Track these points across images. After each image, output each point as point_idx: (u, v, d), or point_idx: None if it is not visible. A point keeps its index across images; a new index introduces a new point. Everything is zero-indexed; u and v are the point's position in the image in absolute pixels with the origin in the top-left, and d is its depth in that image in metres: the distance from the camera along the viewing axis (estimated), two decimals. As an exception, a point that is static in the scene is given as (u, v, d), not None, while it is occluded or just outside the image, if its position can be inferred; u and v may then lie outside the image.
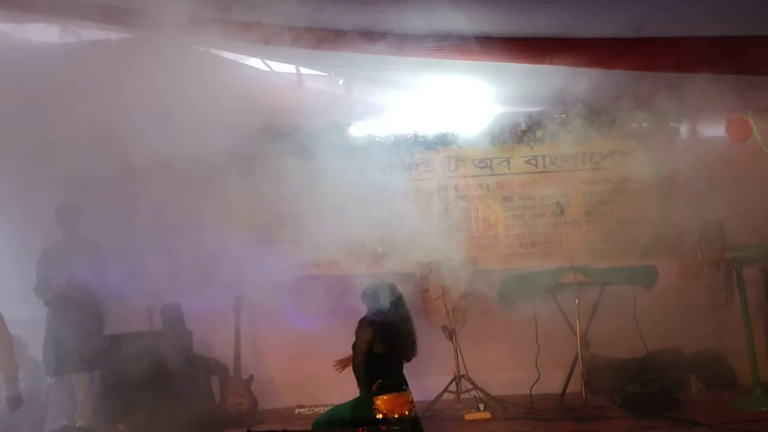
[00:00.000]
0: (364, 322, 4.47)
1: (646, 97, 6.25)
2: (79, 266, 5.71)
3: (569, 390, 5.71)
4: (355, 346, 4.42)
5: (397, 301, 4.57)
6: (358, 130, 6.72)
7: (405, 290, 6.25)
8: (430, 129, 6.63)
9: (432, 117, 6.63)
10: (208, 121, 6.66)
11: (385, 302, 4.49)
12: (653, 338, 5.64)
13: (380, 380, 4.31)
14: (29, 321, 5.81)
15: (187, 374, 5.63)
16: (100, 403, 5.82)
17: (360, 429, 3.04)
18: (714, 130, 6.50)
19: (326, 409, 5.30)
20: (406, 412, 4.28)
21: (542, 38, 4.96)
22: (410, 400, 4.42)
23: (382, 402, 4.26)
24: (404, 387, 4.42)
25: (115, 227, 6.80)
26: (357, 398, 4.44)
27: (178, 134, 6.78)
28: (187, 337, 6.02)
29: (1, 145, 6.09)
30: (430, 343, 6.20)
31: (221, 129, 6.73)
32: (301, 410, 5.99)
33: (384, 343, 4.39)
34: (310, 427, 4.34)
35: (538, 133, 6.49)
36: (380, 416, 4.19)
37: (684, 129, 6.55)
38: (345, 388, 4.64)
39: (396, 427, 3.05)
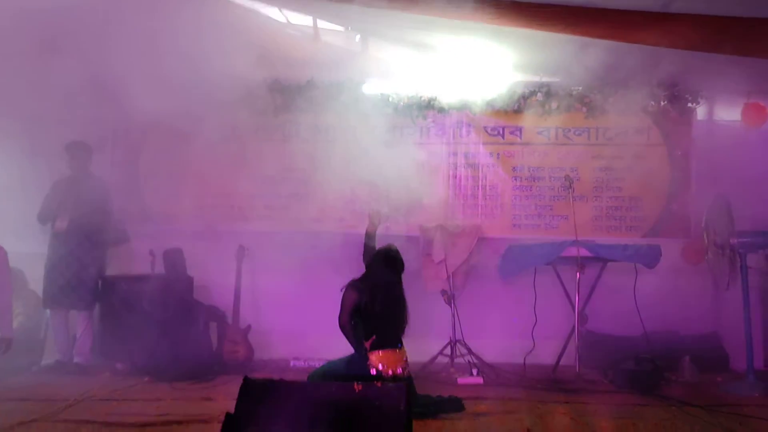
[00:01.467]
0: (351, 284, 4.56)
1: (666, 75, 6.17)
2: (86, 202, 5.72)
3: (563, 363, 5.75)
4: (341, 306, 4.51)
5: (387, 264, 4.63)
6: (372, 88, 6.64)
7: (407, 253, 6.31)
8: (444, 92, 6.55)
9: (447, 80, 6.54)
10: (219, 68, 6.61)
11: (376, 261, 4.64)
12: (651, 318, 5.65)
13: (374, 336, 4.36)
14: (31, 255, 5.85)
15: (186, 319, 5.67)
16: (99, 342, 5.89)
17: (355, 383, 3.06)
18: (730, 113, 6.42)
19: (321, 363, 5.37)
20: (400, 370, 4.34)
21: (567, 6, 4.86)
22: (405, 359, 4.47)
23: (376, 358, 4.31)
24: (399, 345, 4.47)
25: (122, 168, 6.82)
26: (352, 354, 4.50)
27: (189, 80, 6.75)
28: (188, 283, 6.04)
29: (7, 82, 6.06)
30: (428, 307, 6.27)
31: (233, 77, 6.69)
32: (296, 362, 6.04)
33: (369, 308, 4.44)
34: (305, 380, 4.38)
35: (553, 105, 6.41)
36: (374, 372, 4.25)
37: (701, 111, 6.47)
38: (341, 344, 4.67)
39: (391, 384, 3.08)
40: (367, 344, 4.36)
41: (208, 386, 5.12)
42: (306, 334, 6.21)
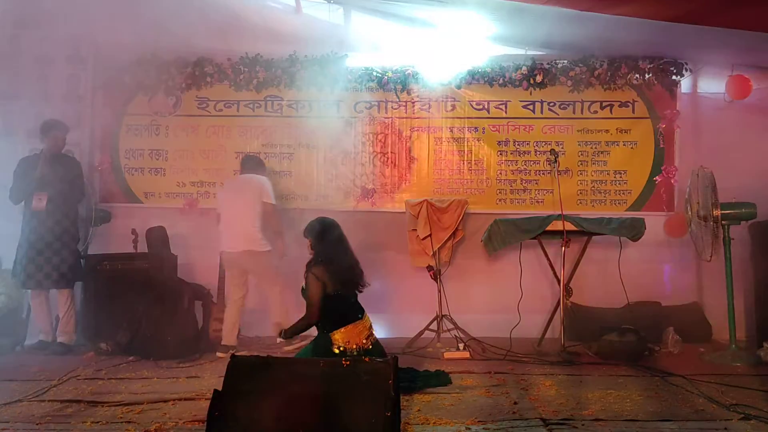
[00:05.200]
0: (311, 267, 4.34)
1: (651, 48, 6.15)
2: (62, 181, 5.62)
3: (548, 336, 5.80)
4: (306, 293, 4.31)
5: (339, 236, 4.54)
6: (355, 62, 6.55)
7: (394, 229, 6.32)
8: (429, 66, 6.47)
9: (432, 54, 6.47)
10: (200, 42, 6.52)
11: (328, 238, 4.48)
12: (635, 290, 5.70)
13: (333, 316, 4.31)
14: (9, 236, 5.74)
15: (170, 297, 5.61)
16: (83, 321, 5.84)
17: (343, 359, 3.05)
18: (715, 86, 6.42)
19: (307, 340, 5.37)
20: (365, 341, 4.31)
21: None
22: (368, 326, 4.41)
23: (339, 336, 4.26)
24: (360, 316, 4.39)
25: (102, 147, 6.72)
26: (313, 340, 4.45)
27: (169, 55, 6.66)
28: (172, 261, 5.98)
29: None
30: (414, 283, 6.28)
31: (213, 51, 6.61)
32: (282, 339, 6.02)
33: (335, 282, 4.32)
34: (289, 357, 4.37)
35: (538, 78, 6.37)
36: (337, 350, 4.20)
37: (685, 83, 6.46)
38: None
39: (379, 359, 3.07)
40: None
41: (194, 365, 5.10)
42: (291, 312, 6.18)
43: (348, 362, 3.05)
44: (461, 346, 5.47)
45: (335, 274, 4.34)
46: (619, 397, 3.99)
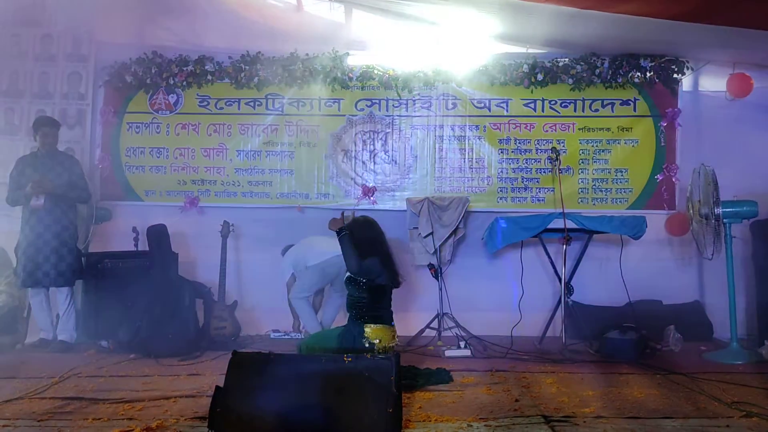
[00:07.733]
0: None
1: (652, 46, 6.15)
2: (60, 178, 5.61)
3: (549, 334, 5.80)
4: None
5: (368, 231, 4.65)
6: (356, 60, 6.55)
7: (395, 227, 6.33)
8: (430, 64, 6.47)
9: (433, 52, 6.47)
10: (202, 41, 6.52)
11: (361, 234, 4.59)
12: (636, 288, 5.70)
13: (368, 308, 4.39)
14: (13, 233, 5.74)
15: (171, 295, 5.61)
16: (83, 319, 5.83)
17: (344, 355, 3.06)
18: (716, 84, 6.42)
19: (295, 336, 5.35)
20: (392, 345, 4.36)
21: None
22: (394, 335, 4.50)
23: (371, 330, 4.30)
24: (392, 323, 4.50)
25: (102, 144, 6.72)
26: (344, 326, 4.48)
27: (171, 52, 6.65)
28: (173, 259, 5.97)
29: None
30: (415, 281, 6.28)
31: (215, 49, 6.62)
32: (275, 333, 6.05)
33: (375, 280, 4.43)
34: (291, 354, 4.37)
35: (540, 76, 6.36)
36: (366, 344, 4.25)
37: (686, 81, 6.46)
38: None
39: (381, 356, 3.07)
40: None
41: (195, 362, 5.09)
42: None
43: (350, 359, 3.05)
44: (462, 344, 5.46)
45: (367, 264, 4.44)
46: (621, 394, 3.98)
